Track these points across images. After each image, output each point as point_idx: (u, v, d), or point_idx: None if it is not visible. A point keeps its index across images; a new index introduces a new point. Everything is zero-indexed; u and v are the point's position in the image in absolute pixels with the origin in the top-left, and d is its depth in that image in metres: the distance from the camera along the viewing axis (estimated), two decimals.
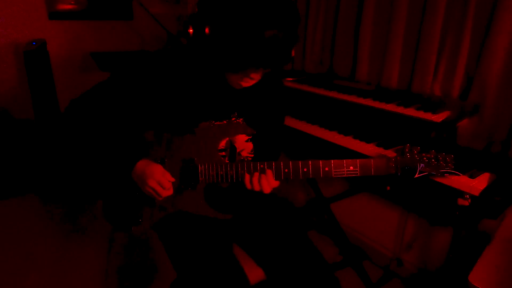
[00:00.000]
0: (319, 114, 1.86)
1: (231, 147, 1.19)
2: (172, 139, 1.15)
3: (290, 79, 2.10)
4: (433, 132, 1.46)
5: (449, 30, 1.52)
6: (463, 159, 1.29)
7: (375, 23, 1.84)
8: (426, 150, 1.06)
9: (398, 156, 1.06)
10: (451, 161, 1.04)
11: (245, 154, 1.21)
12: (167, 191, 1.11)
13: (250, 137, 1.21)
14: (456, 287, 1.49)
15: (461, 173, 1.24)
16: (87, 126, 1.13)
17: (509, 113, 1.35)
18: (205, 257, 1.11)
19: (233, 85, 1.13)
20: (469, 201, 1.18)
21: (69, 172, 2.70)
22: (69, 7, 2.90)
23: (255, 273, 1.17)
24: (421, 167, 1.04)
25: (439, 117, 1.41)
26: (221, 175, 1.11)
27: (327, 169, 1.05)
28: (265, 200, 1.32)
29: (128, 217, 1.19)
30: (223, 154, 1.17)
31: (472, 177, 1.21)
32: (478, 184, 1.18)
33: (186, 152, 1.15)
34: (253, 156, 1.23)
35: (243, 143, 1.20)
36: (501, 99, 1.37)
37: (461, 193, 1.19)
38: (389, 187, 1.39)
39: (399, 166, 1.05)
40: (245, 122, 1.19)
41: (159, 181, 1.09)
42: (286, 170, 1.07)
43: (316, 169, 1.06)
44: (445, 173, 1.06)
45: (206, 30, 0.95)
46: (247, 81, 1.09)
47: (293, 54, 1.02)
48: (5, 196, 2.59)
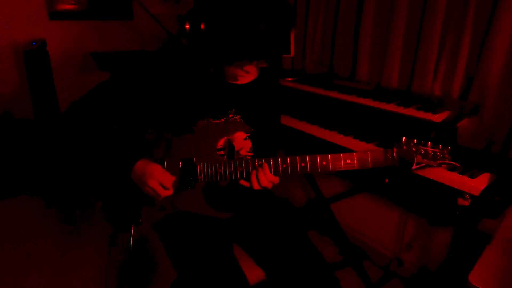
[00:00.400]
0: (319, 114, 1.86)
1: (230, 146, 1.19)
2: (171, 139, 1.15)
3: (290, 79, 2.10)
4: (433, 132, 1.46)
5: (449, 30, 1.52)
6: (463, 159, 1.29)
7: (375, 23, 1.84)
8: (422, 142, 1.05)
9: (395, 148, 1.05)
10: (448, 152, 1.03)
11: (244, 152, 1.21)
12: (167, 191, 1.11)
13: (248, 135, 1.21)
14: (456, 287, 1.49)
15: (461, 173, 1.25)
16: (87, 126, 1.13)
17: (509, 113, 1.35)
18: (205, 257, 1.11)
19: (231, 80, 1.14)
20: (469, 201, 1.18)
21: (69, 172, 2.70)
22: (69, 7, 2.89)
23: (254, 273, 1.17)
24: (418, 159, 1.03)
25: (439, 117, 1.41)
26: (220, 173, 1.11)
27: (324, 163, 1.05)
28: (265, 200, 1.32)
29: (128, 217, 1.19)
30: (222, 153, 1.18)
31: (472, 177, 1.21)
32: (478, 184, 1.18)
33: (185, 151, 1.15)
34: (252, 154, 1.23)
35: (241, 142, 1.20)
36: (501, 99, 1.37)
37: (461, 193, 1.19)
38: (387, 180, 1.38)
39: (396, 158, 1.05)
40: (242, 119, 1.19)
41: (160, 181, 1.09)
42: (284, 165, 1.07)
43: (313, 164, 1.05)
44: (442, 164, 1.04)
45: (202, 23, 0.99)
46: (244, 75, 1.11)
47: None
48: (5, 196, 2.59)
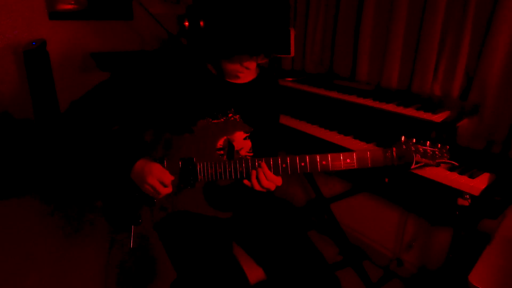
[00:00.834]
0: (319, 114, 1.86)
1: (230, 146, 1.19)
2: (171, 139, 1.15)
3: (290, 79, 2.10)
4: (433, 132, 1.46)
5: (449, 30, 1.52)
6: (463, 159, 1.29)
7: (375, 23, 1.84)
8: (421, 141, 1.05)
9: (394, 147, 1.06)
10: (447, 151, 1.03)
11: (243, 152, 1.21)
12: (166, 189, 1.11)
13: (247, 135, 1.21)
14: (456, 287, 1.49)
15: (461, 173, 1.25)
16: (87, 126, 1.13)
17: (509, 113, 1.35)
18: (205, 257, 1.11)
19: (230, 78, 1.14)
20: (469, 201, 1.18)
21: (69, 172, 2.70)
22: (69, 7, 2.89)
23: (255, 273, 1.17)
24: (417, 158, 1.03)
25: (439, 117, 1.41)
26: (220, 173, 1.11)
27: (324, 162, 1.05)
28: (265, 200, 1.32)
29: (127, 217, 1.19)
30: (222, 152, 1.18)
31: (472, 177, 1.21)
32: (478, 184, 1.18)
33: (185, 151, 1.15)
34: (252, 154, 1.23)
35: (241, 141, 1.20)
36: (501, 99, 1.37)
37: (461, 193, 1.19)
38: (387, 179, 1.38)
39: (395, 157, 1.05)
40: (241, 119, 1.19)
41: (159, 178, 1.09)
42: (283, 165, 1.07)
43: (313, 163, 1.05)
44: (441, 163, 1.05)
45: (201, 19, 0.99)
46: (243, 72, 1.11)
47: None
48: (5, 196, 2.59)
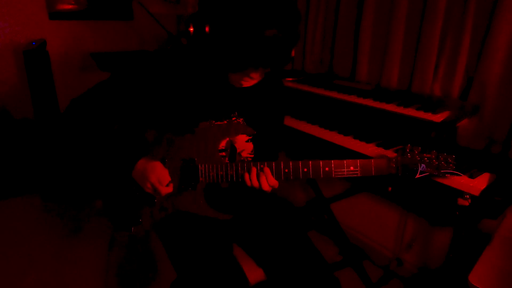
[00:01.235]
0: (319, 114, 1.86)
1: (231, 148, 1.19)
2: (172, 139, 1.15)
3: (290, 79, 2.10)
4: (433, 132, 1.46)
5: (449, 30, 1.52)
6: (463, 159, 1.29)
7: (375, 23, 1.84)
8: (427, 150, 1.05)
9: (399, 156, 1.05)
10: (452, 161, 1.03)
11: (245, 154, 1.21)
12: (167, 188, 1.11)
13: (250, 138, 1.21)
14: (456, 287, 1.49)
15: (462, 173, 1.25)
16: (87, 125, 1.13)
17: (509, 113, 1.35)
18: (205, 257, 1.11)
19: (234, 84, 1.13)
20: (469, 201, 1.18)
21: (69, 171, 2.70)
22: (69, 7, 2.89)
23: (255, 274, 1.17)
24: (422, 168, 1.03)
25: (439, 117, 1.41)
26: (221, 175, 1.11)
27: (327, 169, 1.05)
28: (265, 200, 1.32)
29: (128, 217, 1.19)
30: (223, 154, 1.18)
31: (472, 177, 1.21)
32: (478, 184, 1.18)
33: (186, 152, 1.15)
34: (253, 156, 1.23)
35: (243, 144, 1.20)
36: (501, 99, 1.37)
37: (461, 193, 1.19)
38: (390, 188, 1.38)
39: (399, 166, 1.04)
40: (245, 122, 1.19)
41: (160, 177, 1.09)
42: (286, 170, 1.07)
43: (316, 170, 1.05)
44: (446, 174, 1.05)
45: (206, 29, 0.96)
46: (247, 81, 1.10)
47: (293, 54, 1.02)
48: (5, 196, 2.59)
